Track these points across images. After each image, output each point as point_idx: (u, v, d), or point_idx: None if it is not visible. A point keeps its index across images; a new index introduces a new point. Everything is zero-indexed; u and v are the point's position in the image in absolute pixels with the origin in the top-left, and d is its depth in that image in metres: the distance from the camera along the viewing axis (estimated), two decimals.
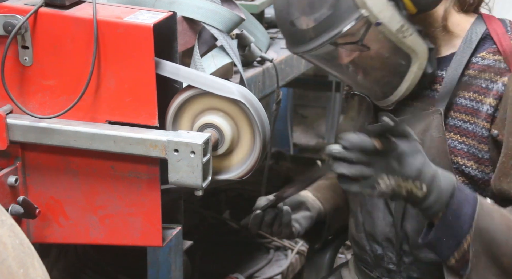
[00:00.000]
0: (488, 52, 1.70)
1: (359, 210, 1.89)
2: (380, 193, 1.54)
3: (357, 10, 1.58)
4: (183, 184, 1.59)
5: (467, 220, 1.57)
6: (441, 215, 1.58)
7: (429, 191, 1.56)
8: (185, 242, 2.51)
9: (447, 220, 1.58)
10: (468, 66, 1.71)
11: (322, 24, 1.60)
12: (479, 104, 1.67)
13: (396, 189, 1.54)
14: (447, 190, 1.57)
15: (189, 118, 1.68)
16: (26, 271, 1.31)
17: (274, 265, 3.20)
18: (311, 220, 1.90)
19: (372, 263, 1.90)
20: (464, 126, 1.69)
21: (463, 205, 1.58)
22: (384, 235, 1.83)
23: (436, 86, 1.74)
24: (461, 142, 1.69)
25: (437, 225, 1.59)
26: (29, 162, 1.67)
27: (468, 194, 1.59)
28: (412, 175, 1.54)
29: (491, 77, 1.66)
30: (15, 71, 1.63)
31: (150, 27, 1.55)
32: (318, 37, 1.62)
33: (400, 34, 1.62)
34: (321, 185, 2.01)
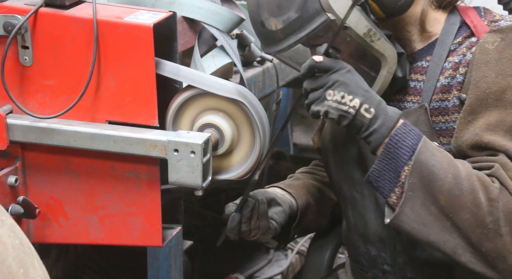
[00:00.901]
0: (464, 36, 1.73)
1: (351, 212, 1.89)
2: (328, 108, 1.57)
3: (323, 14, 1.61)
4: (183, 184, 1.59)
5: (407, 151, 1.57)
6: (384, 144, 1.59)
7: (376, 114, 1.58)
8: (185, 242, 2.51)
9: (389, 150, 1.58)
10: (448, 54, 1.72)
11: (289, 26, 1.63)
12: (454, 79, 1.68)
13: (344, 106, 1.56)
14: (393, 117, 1.59)
15: (189, 118, 1.68)
16: (26, 271, 1.31)
17: (274, 265, 3.20)
18: (284, 214, 1.88)
19: (367, 264, 1.90)
20: (443, 106, 1.70)
21: (406, 136, 1.58)
22: (377, 236, 1.83)
23: (417, 77, 1.76)
24: (444, 122, 1.70)
25: (380, 155, 1.59)
26: (29, 162, 1.67)
27: (413, 129, 1.60)
28: (359, 93, 1.57)
29: (463, 52, 1.69)
30: (15, 71, 1.63)
31: (150, 27, 1.55)
32: (286, 38, 1.65)
33: (368, 38, 1.64)
34: (293, 183, 2.01)
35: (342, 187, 1.89)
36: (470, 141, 1.62)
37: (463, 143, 1.64)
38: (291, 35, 1.63)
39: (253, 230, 1.80)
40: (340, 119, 1.58)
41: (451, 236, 1.57)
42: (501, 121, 1.61)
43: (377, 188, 1.62)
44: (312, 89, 1.60)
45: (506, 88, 1.62)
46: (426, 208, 1.57)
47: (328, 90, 1.57)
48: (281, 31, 1.64)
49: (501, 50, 1.64)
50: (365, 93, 1.58)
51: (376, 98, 1.60)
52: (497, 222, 1.54)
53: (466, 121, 1.64)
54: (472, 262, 1.57)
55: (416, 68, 1.76)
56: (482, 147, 1.62)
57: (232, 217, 1.78)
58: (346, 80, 1.57)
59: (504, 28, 1.65)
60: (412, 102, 1.75)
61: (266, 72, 2.37)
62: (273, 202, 1.87)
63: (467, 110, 1.64)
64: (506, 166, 1.58)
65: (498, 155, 1.60)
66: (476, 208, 1.55)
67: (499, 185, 1.56)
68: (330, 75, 1.58)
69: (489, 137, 1.60)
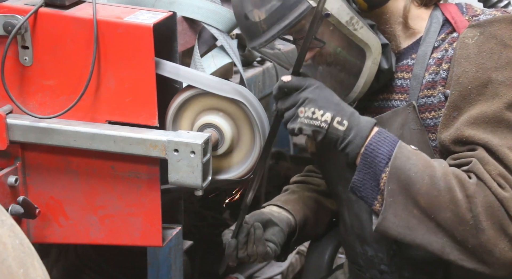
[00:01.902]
0: (446, 33, 1.73)
1: (347, 213, 1.89)
2: (302, 125, 1.59)
3: (305, 1, 1.61)
4: (183, 184, 1.59)
5: (383, 159, 1.59)
6: (361, 154, 1.61)
7: (349, 126, 1.60)
8: (185, 242, 2.51)
9: (365, 159, 1.61)
10: (433, 51, 1.73)
11: (272, 16, 1.63)
12: (438, 75, 1.69)
13: (316, 122, 1.59)
14: (367, 127, 1.61)
15: (189, 118, 1.68)
16: (26, 271, 1.31)
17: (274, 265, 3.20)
18: (282, 233, 1.89)
19: (364, 265, 1.90)
20: (429, 102, 1.70)
21: (381, 144, 1.60)
22: (374, 236, 1.83)
23: (403, 75, 1.76)
24: (431, 118, 1.70)
25: (358, 166, 1.62)
26: (29, 162, 1.67)
27: (388, 136, 1.62)
28: (330, 106, 1.60)
29: (446, 47, 1.70)
30: (15, 71, 1.63)
31: (150, 27, 1.55)
32: (269, 29, 1.65)
33: (351, 27, 1.65)
34: (290, 198, 2.01)
35: (337, 188, 1.89)
36: (452, 136, 1.63)
37: (446, 138, 1.65)
38: (274, 25, 1.64)
39: (251, 256, 1.81)
40: (314, 134, 1.61)
41: (436, 236, 1.58)
42: (482, 114, 1.62)
43: (361, 197, 1.65)
44: (285, 109, 1.62)
45: (486, 82, 1.62)
46: (409, 212, 1.58)
47: (299, 107, 1.60)
48: (264, 21, 1.64)
49: (480, 44, 1.64)
50: (336, 106, 1.61)
51: (348, 110, 1.62)
52: (477, 217, 1.55)
53: (451, 117, 1.64)
54: (461, 259, 1.59)
55: (402, 67, 1.76)
56: (463, 141, 1.62)
57: (229, 243, 1.79)
58: (315, 96, 1.60)
59: (483, 23, 1.66)
60: (400, 101, 1.75)
61: (266, 72, 2.37)
62: (270, 223, 1.87)
63: (451, 107, 1.64)
64: (483, 159, 1.59)
65: (477, 149, 1.60)
66: (455, 206, 1.56)
67: (475, 180, 1.57)
68: (300, 94, 1.61)
69: (470, 132, 1.61)
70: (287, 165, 3.99)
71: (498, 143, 1.59)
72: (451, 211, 1.56)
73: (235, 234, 1.79)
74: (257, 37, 1.67)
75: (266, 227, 1.86)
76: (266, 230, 1.85)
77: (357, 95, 1.74)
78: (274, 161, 4.03)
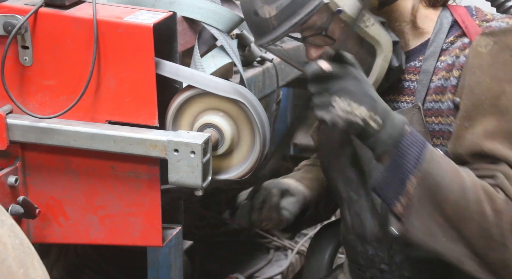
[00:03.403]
0: (456, 36, 1.72)
1: (348, 212, 1.89)
2: (335, 117, 1.54)
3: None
4: (183, 184, 1.59)
5: (412, 160, 1.56)
6: (390, 153, 1.58)
7: (383, 124, 1.56)
8: (185, 242, 2.51)
9: (394, 160, 1.57)
10: (441, 54, 1.72)
11: (283, 12, 1.61)
12: (448, 81, 1.68)
13: (351, 116, 1.54)
14: (399, 127, 1.58)
15: (189, 118, 1.68)
16: (26, 271, 1.31)
17: (274, 265, 3.20)
18: (298, 204, 1.88)
19: (365, 264, 1.90)
20: (437, 107, 1.70)
21: (411, 145, 1.57)
22: (374, 235, 1.83)
23: (411, 77, 1.75)
24: (437, 123, 1.70)
25: (386, 165, 1.59)
26: (29, 162, 1.67)
27: (419, 138, 1.59)
28: (366, 101, 1.55)
29: (457, 53, 1.69)
30: (15, 71, 1.63)
31: (150, 27, 1.55)
32: (280, 25, 1.63)
33: (362, 23, 1.63)
34: (305, 176, 2.01)
35: (338, 187, 1.89)
36: (471, 149, 1.62)
37: (462, 151, 1.63)
38: (285, 21, 1.62)
39: (264, 220, 1.81)
40: (348, 128, 1.56)
41: (456, 245, 1.57)
42: (500, 129, 1.60)
43: (382, 197, 1.62)
44: (317, 93, 1.57)
45: (500, 94, 1.61)
46: (433, 218, 1.56)
47: (334, 96, 1.55)
48: (275, 17, 1.62)
49: (494, 55, 1.63)
50: (372, 102, 1.56)
51: (383, 106, 1.58)
52: (502, 234, 1.54)
53: (463, 127, 1.63)
54: (477, 271, 1.58)
55: (409, 68, 1.76)
56: (482, 155, 1.61)
57: (243, 205, 1.78)
58: (352, 88, 1.55)
59: (497, 31, 1.65)
60: (406, 103, 1.75)
61: (266, 72, 2.36)
62: (287, 193, 1.88)
63: (464, 116, 1.63)
64: (508, 175, 1.58)
65: (499, 164, 1.59)
66: (482, 219, 1.54)
67: (504, 196, 1.56)
68: (337, 81, 1.55)
69: (490, 146, 1.60)
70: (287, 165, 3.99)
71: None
72: (477, 223, 1.54)
73: (250, 196, 1.78)
74: (267, 33, 1.65)
75: (283, 196, 1.86)
76: (282, 198, 1.85)
77: None
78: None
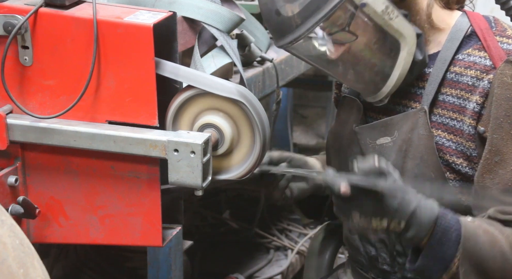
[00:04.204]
0: (474, 48, 1.71)
1: None
2: (352, 228, 1.61)
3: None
4: (183, 184, 1.59)
5: (452, 245, 1.59)
6: (426, 243, 1.59)
7: (407, 226, 1.57)
8: (185, 242, 2.51)
9: (432, 248, 1.59)
10: (454, 63, 1.71)
11: (306, 9, 1.59)
12: (466, 101, 1.67)
13: (366, 230, 1.61)
14: (428, 223, 1.58)
15: (189, 118, 1.68)
16: (26, 271, 1.31)
17: (274, 265, 3.20)
18: (303, 192, 1.89)
19: (367, 265, 1.90)
20: (452, 124, 1.69)
21: (447, 231, 1.59)
22: (377, 236, 1.83)
23: (422, 84, 1.75)
24: (449, 140, 1.69)
25: (423, 253, 1.61)
26: (29, 162, 1.67)
27: (451, 218, 1.60)
28: (388, 215, 1.57)
29: (477, 75, 1.67)
30: (15, 71, 1.63)
31: (150, 27, 1.55)
32: (303, 23, 1.61)
33: (386, 16, 1.61)
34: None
35: None
36: (503, 185, 1.62)
37: (493, 185, 1.63)
38: (309, 18, 1.59)
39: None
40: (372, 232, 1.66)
41: None
42: None
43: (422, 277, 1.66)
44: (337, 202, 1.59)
45: None
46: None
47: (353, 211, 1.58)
48: (298, 15, 1.60)
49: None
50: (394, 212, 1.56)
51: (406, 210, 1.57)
52: None
53: (493, 162, 1.63)
54: None
55: (424, 76, 1.75)
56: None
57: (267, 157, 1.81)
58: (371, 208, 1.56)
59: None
60: (412, 108, 1.75)
61: (266, 72, 2.36)
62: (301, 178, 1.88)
63: (493, 151, 1.63)
64: None
65: None
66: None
67: None
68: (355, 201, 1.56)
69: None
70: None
71: None
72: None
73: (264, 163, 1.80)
74: (289, 33, 1.63)
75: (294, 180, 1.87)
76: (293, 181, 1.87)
77: (391, 88, 1.71)
78: None
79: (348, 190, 1.53)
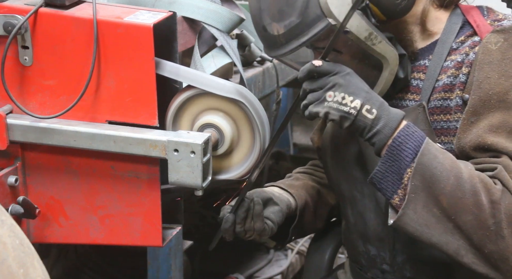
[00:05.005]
0: (466, 35, 1.73)
1: (350, 211, 1.89)
2: (329, 109, 1.57)
3: (324, 19, 1.60)
4: (183, 184, 1.59)
5: (410, 154, 1.57)
6: (387, 146, 1.59)
7: (378, 115, 1.58)
8: (185, 242, 2.51)
9: (391, 152, 1.58)
10: (450, 53, 1.73)
11: (291, 31, 1.63)
12: (456, 78, 1.68)
13: (345, 107, 1.56)
14: (396, 118, 1.59)
15: (189, 118, 1.68)
16: (26, 271, 1.31)
17: (274, 265, 3.20)
18: (281, 213, 1.87)
19: (366, 264, 1.90)
20: (445, 104, 1.70)
21: (409, 138, 1.58)
22: (377, 235, 1.83)
23: (419, 75, 1.76)
24: (446, 121, 1.70)
25: (383, 157, 1.60)
26: (29, 162, 1.67)
27: (416, 130, 1.60)
28: (360, 94, 1.57)
29: (466, 51, 1.69)
30: (15, 71, 1.63)
31: (150, 27, 1.55)
32: (288, 43, 1.65)
33: (369, 42, 1.64)
34: (294, 183, 2.00)
35: (341, 186, 1.89)
36: (473, 142, 1.63)
37: (465, 144, 1.64)
38: (293, 40, 1.63)
39: (248, 231, 1.80)
40: (342, 120, 1.58)
41: (453, 237, 1.57)
42: (504, 123, 1.61)
43: (380, 189, 1.63)
44: (311, 90, 1.59)
45: (509, 89, 1.62)
46: (429, 210, 1.57)
47: (328, 91, 1.57)
48: (283, 36, 1.64)
49: (504, 51, 1.64)
50: (366, 94, 1.58)
51: (378, 99, 1.59)
52: (499, 224, 1.54)
53: (469, 122, 1.64)
54: (475, 263, 1.58)
55: (418, 67, 1.76)
56: (485, 148, 1.62)
57: (226, 218, 1.78)
58: (346, 82, 1.57)
59: (507, 28, 1.65)
60: (414, 101, 1.75)
61: (266, 72, 2.37)
62: (270, 202, 1.86)
63: (470, 112, 1.64)
64: (508, 167, 1.58)
65: (501, 157, 1.60)
66: (478, 210, 1.55)
67: (501, 187, 1.56)
68: (330, 77, 1.58)
69: (492, 139, 1.61)
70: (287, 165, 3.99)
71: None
72: (473, 214, 1.55)
73: (234, 209, 1.78)
74: (275, 48, 1.67)
75: (266, 205, 1.85)
76: (265, 208, 1.84)
77: None
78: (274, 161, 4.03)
79: (320, 62, 1.57)
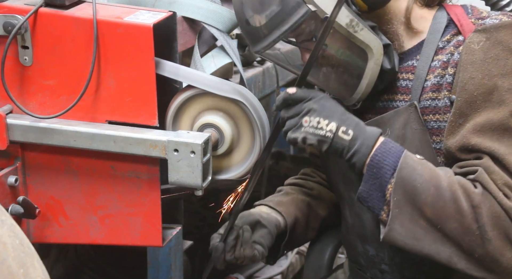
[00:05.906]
0: (451, 34, 1.73)
1: (348, 212, 1.89)
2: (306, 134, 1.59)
3: (304, 5, 1.61)
4: (183, 184, 1.59)
5: (388, 170, 1.59)
6: (366, 165, 1.60)
7: (355, 136, 1.59)
8: (185, 242, 2.51)
9: (371, 170, 1.60)
10: (437, 52, 1.73)
11: (272, 21, 1.64)
12: (443, 78, 1.69)
13: (320, 131, 1.59)
14: (372, 137, 1.60)
15: (189, 118, 1.68)
16: (26, 271, 1.31)
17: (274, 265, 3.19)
18: (270, 235, 1.88)
19: (366, 264, 1.90)
20: (434, 104, 1.70)
21: (386, 155, 1.60)
22: (375, 236, 1.83)
23: (408, 76, 1.76)
24: (435, 120, 1.70)
25: (364, 177, 1.61)
26: (29, 162, 1.67)
27: (393, 146, 1.61)
28: (335, 116, 1.59)
29: (451, 51, 1.69)
30: (15, 71, 1.63)
31: (150, 27, 1.55)
32: (270, 33, 1.66)
33: (351, 29, 1.65)
34: (283, 200, 2.01)
35: (339, 188, 1.89)
36: (458, 143, 1.63)
37: (452, 145, 1.64)
38: (275, 29, 1.64)
39: (238, 258, 1.81)
40: (319, 144, 1.60)
41: (443, 246, 1.58)
42: (488, 122, 1.61)
43: (368, 207, 1.65)
44: (288, 118, 1.62)
45: (492, 89, 1.62)
46: (415, 222, 1.58)
47: (304, 117, 1.60)
48: (265, 26, 1.65)
49: (486, 50, 1.63)
50: (341, 116, 1.60)
51: (353, 119, 1.61)
52: (483, 228, 1.55)
53: (457, 124, 1.64)
54: (469, 269, 1.59)
55: (406, 67, 1.76)
56: (469, 149, 1.62)
57: (216, 247, 1.79)
58: (320, 107, 1.60)
59: (489, 28, 1.65)
60: (404, 101, 1.76)
61: (266, 72, 2.37)
62: (258, 225, 1.87)
63: (457, 113, 1.64)
64: (489, 168, 1.58)
65: (483, 158, 1.60)
66: (461, 216, 1.56)
67: (481, 190, 1.56)
68: (304, 104, 1.60)
69: (476, 139, 1.61)
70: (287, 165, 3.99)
71: (504, 151, 1.58)
72: (457, 221, 1.56)
73: (223, 237, 1.79)
74: (259, 41, 1.68)
75: (254, 229, 1.86)
76: (254, 232, 1.85)
77: (360, 96, 1.74)
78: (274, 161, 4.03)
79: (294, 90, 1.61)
